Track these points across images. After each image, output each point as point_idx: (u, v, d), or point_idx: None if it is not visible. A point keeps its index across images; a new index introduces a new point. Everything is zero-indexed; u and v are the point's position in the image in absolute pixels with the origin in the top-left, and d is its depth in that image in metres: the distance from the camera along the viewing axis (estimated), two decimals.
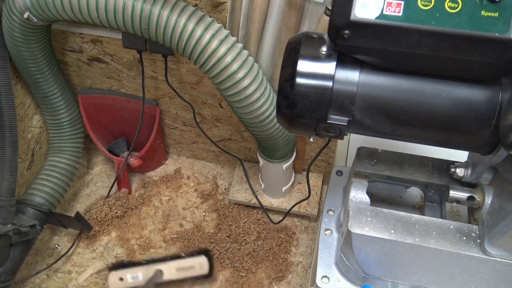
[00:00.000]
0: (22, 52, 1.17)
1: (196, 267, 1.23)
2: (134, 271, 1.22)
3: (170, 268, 1.22)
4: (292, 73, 0.62)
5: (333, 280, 0.83)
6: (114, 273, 1.22)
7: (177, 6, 0.99)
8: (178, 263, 1.22)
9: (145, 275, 1.21)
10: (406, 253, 0.75)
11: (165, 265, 1.21)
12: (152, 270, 1.20)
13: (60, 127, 1.43)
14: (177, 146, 1.67)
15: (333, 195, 0.95)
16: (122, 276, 1.22)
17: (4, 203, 1.18)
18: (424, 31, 0.55)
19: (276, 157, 1.32)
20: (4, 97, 1.13)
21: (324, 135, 0.66)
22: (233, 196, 1.52)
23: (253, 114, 1.11)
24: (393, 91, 0.62)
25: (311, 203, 1.49)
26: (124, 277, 1.22)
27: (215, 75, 1.04)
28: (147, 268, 1.22)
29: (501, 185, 0.71)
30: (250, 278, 1.41)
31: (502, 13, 0.53)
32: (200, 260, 1.23)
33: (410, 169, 0.84)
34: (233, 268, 1.42)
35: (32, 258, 1.45)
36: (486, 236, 0.71)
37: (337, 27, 0.57)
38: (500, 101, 0.59)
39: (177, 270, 1.22)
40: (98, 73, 1.41)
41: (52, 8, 1.03)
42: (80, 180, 1.66)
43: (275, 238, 1.48)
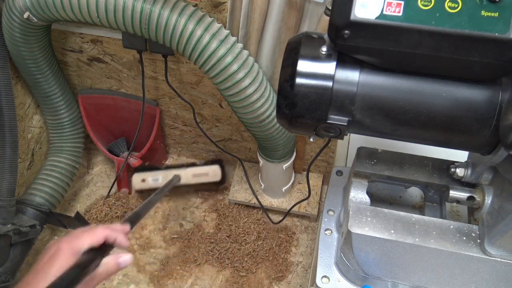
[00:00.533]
0: (22, 52, 1.17)
1: (210, 173, 1.37)
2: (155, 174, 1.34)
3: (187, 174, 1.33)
4: (292, 73, 0.62)
5: (333, 280, 0.83)
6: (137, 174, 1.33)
7: (177, 6, 0.99)
8: (194, 170, 1.34)
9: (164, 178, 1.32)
10: (406, 253, 0.75)
11: (183, 171, 1.33)
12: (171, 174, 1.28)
13: (61, 127, 1.43)
14: (177, 146, 1.67)
15: (333, 195, 0.95)
16: (144, 178, 1.32)
17: (4, 203, 1.18)
18: (424, 31, 0.55)
19: (276, 157, 1.32)
20: (4, 97, 1.13)
21: (324, 135, 0.66)
22: (233, 196, 1.52)
23: (253, 114, 1.11)
24: (393, 91, 0.62)
25: (311, 203, 1.49)
26: (146, 179, 1.33)
27: (215, 75, 1.04)
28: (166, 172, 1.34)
29: (501, 185, 0.71)
30: (250, 278, 1.41)
31: (502, 13, 0.53)
32: (214, 168, 1.35)
33: (410, 169, 0.84)
34: (233, 268, 1.42)
35: (32, 258, 1.45)
36: (486, 236, 0.71)
37: (337, 27, 0.57)
38: (500, 101, 0.59)
39: (193, 176, 1.33)
40: (98, 73, 1.41)
41: (52, 8, 1.03)
42: (80, 180, 1.66)
43: (275, 238, 1.48)
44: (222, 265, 1.43)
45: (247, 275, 1.41)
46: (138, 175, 1.34)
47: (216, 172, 1.35)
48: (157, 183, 1.34)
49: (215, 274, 1.42)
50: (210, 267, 1.43)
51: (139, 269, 1.44)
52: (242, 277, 1.41)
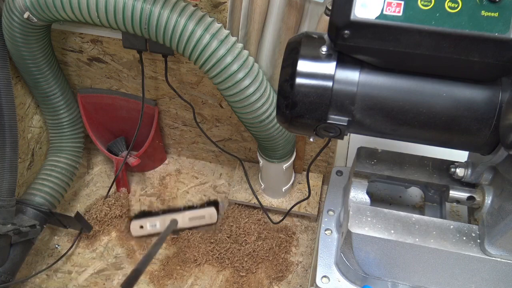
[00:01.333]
0: (22, 52, 1.17)
1: (206, 216, 1.38)
2: (153, 220, 1.36)
3: (184, 217, 1.38)
4: (292, 73, 0.62)
5: (333, 280, 0.83)
6: (135, 221, 1.35)
7: (177, 6, 0.99)
8: (191, 213, 1.35)
9: (162, 223, 1.36)
10: (406, 253, 0.75)
11: (180, 215, 1.34)
12: (168, 219, 1.32)
13: (60, 127, 1.43)
14: (177, 146, 1.67)
15: (333, 195, 0.95)
16: (142, 224, 1.34)
17: (4, 203, 1.18)
18: (424, 31, 0.55)
19: (276, 157, 1.32)
20: (4, 97, 1.13)
21: (324, 135, 0.66)
22: (233, 196, 1.52)
23: (253, 114, 1.11)
24: (393, 91, 0.62)
25: (311, 203, 1.49)
26: (144, 225, 1.35)
27: (215, 75, 1.04)
28: (164, 218, 1.36)
29: (501, 185, 0.71)
30: (250, 278, 1.41)
31: (502, 13, 0.53)
32: (210, 211, 1.38)
33: (410, 169, 0.84)
34: (233, 268, 1.42)
35: (32, 258, 1.45)
36: (486, 236, 0.71)
37: (337, 27, 0.57)
38: (500, 101, 0.59)
39: (190, 220, 1.37)
40: (98, 73, 1.41)
41: (52, 8, 1.03)
42: (80, 180, 1.66)
43: (275, 238, 1.48)
44: (222, 265, 1.43)
45: (247, 275, 1.41)
46: (136, 222, 1.37)
47: (212, 215, 1.37)
48: (155, 229, 1.36)
49: (215, 274, 1.42)
50: (210, 267, 1.43)
51: None
52: (242, 277, 1.41)
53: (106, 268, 1.44)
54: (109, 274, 1.43)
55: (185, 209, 1.40)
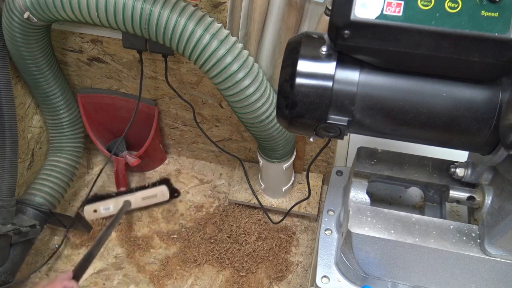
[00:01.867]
0: (22, 52, 1.17)
1: (158, 194, 1.44)
2: (106, 203, 1.38)
3: (137, 198, 1.40)
4: (292, 73, 0.62)
5: (333, 280, 0.83)
6: (88, 206, 1.37)
7: (177, 6, 0.99)
8: (143, 193, 1.38)
9: (115, 205, 1.38)
10: (406, 253, 0.75)
11: (132, 196, 1.37)
12: (121, 201, 1.35)
13: (60, 127, 1.43)
14: (177, 146, 1.67)
15: (333, 195, 0.95)
16: (96, 208, 1.36)
17: (4, 203, 1.18)
18: (424, 31, 0.55)
19: (276, 157, 1.32)
20: (4, 97, 1.13)
21: (324, 135, 0.66)
22: (233, 196, 1.52)
23: (253, 114, 1.11)
24: (393, 91, 0.62)
25: (311, 203, 1.49)
26: (98, 209, 1.37)
27: (215, 75, 1.04)
28: (116, 200, 1.39)
29: (501, 185, 0.71)
30: (250, 278, 1.41)
31: (502, 13, 0.53)
32: (162, 189, 1.43)
33: (410, 169, 0.84)
34: (233, 268, 1.42)
35: (32, 258, 1.45)
36: (486, 236, 0.71)
37: (337, 27, 0.57)
38: (500, 101, 0.59)
39: (143, 199, 1.40)
40: (98, 73, 1.41)
41: (52, 8, 1.03)
42: (80, 180, 1.66)
43: (275, 238, 1.48)
44: (222, 265, 1.43)
45: (247, 275, 1.41)
46: (89, 207, 1.38)
47: (164, 193, 1.41)
48: (109, 211, 1.38)
49: (215, 274, 1.42)
50: (210, 267, 1.43)
51: (139, 269, 1.44)
52: (242, 277, 1.41)
53: (106, 268, 1.44)
54: (109, 274, 1.43)
55: (137, 190, 1.42)
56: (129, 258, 1.46)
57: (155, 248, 1.48)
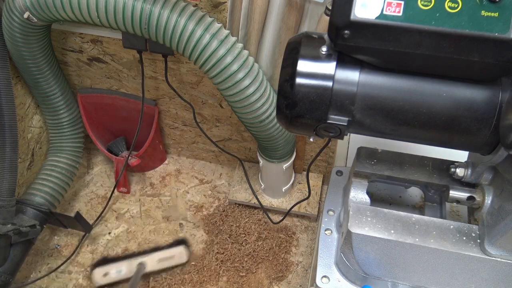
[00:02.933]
0: (22, 52, 1.17)
1: (176, 256, 1.29)
2: (118, 266, 1.26)
3: (152, 260, 1.27)
4: (292, 73, 0.62)
5: (333, 280, 0.83)
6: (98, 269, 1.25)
7: (177, 6, 0.99)
8: (159, 254, 1.26)
9: (128, 268, 1.24)
10: (406, 253, 0.75)
11: (147, 257, 1.25)
12: (135, 263, 1.22)
13: (60, 127, 1.43)
14: (177, 146, 1.67)
15: (333, 195, 0.95)
16: (106, 271, 1.25)
17: (4, 203, 1.18)
18: (424, 31, 0.55)
19: (276, 157, 1.32)
20: (4, 97, 1.13)
21: (324, 135, 0.66)
22: (233, 196, 1.52)
23: (253, 114, 1.11)
24: (393, 91, 0.62)
25: (311, 203, 1.49)
26: (109, 272, 1.25)
27: (215, 75, 1.04)
28: (129, 262, 1.25)
29: (501, 185, 0.71)
30: (250, 278, 1.41)
31: (502, 13, 0.53)
32: (180, 250, 1.27)
33: (410, 169, 0.84)
34: (233, 268, 1.42)
35: (32, 258, 1.45)
36: (486, 236, 0.71)
37: (337, 27, 0.57)
38: (500, 101, 0.59)
39: (159, 261, 1.26)
40: (98, 73, 1.41)
41: (52, 8, 1.03)
42: (80, 180, 1.66)
43: (275, 238, 1.48)
44: (222, 265, 1.43)
45: (247, 275, 1.41)
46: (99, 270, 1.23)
47: (182, 254, 1.26)
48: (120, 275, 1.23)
49: (215, 274, 1.42)
50: (210, 267, 1.43)
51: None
52: (242, 277, 1.41)
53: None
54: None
55: (151, 251, 1.29)
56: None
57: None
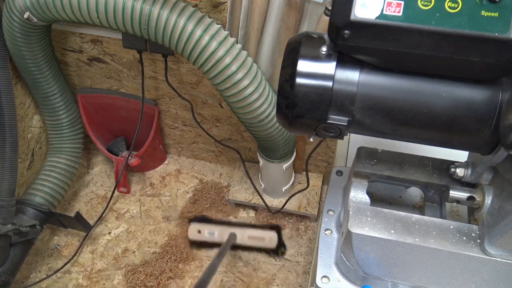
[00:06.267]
0: (23, 52, 1.17)
1: (267, 239, 1.32)
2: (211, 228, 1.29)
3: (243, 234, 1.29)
4: (292, 73, 0.62)
5: (333, 280, 0.83)
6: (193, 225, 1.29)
7: (176, 7, 0.99)
8: (251, 232, 1.29)
9: (220, 233, 1.28)
10: (406, 253, 0.75)
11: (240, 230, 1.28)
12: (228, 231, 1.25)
13: (60, 128, 1.43)
14: (177, 146, 1.67)
15: (333, 195, 0.95)
16: (200, 229, 1.29)
17: (4, 203, 1.18)
18: (424, 31, 0.55)
19: (276, 157, 1.32)
20: (4, 97, 1.13)
21: (324, 135, 0.66)
22: (233, 196, 1.52)
23: (252, 114, 1.11)
24: (393, 91, 0.62)
25: (311, 203, 1.49)
26: (202, 231, 1.29)
27: (214, 76, 1.04)
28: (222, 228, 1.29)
29: (501, 185, 0.71)
30: (250, 278, 1.41)
31: (502, 13, 0.53)
32: (271, 234, 1.30)
33: (410, 169, 0.84)
34: (233, 268, 1.42)
35: (32, 258, 1.45)
36: (486, 236, 0.71)
37: (337, 27, 0.57)
38: (500, 101, 0.59)
39: (249, 238, 1.29)
40: (98, 73, 1.41)
41: (52, 8, 1.03)
42: (80, 180, 1.66)
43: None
44: (222, 264, 1.43)
45: (247, 275, 1.41)
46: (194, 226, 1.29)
47: (272, 239, 1.29)
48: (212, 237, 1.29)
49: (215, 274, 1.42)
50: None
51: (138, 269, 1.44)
52: (242, 277, 1.41)
53: (106, 268, 1.44)
54: (109, 274, 1.43)
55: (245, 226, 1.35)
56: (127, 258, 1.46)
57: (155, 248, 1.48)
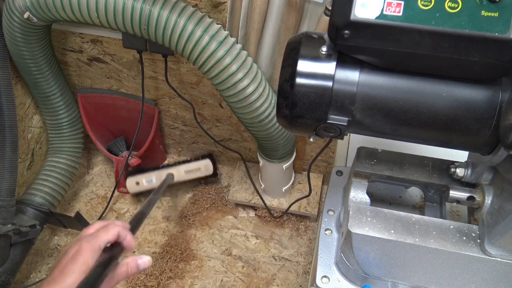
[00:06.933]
0: (23, 52, 1.17)
1: (202, 168, 1.36)
2: (149, 176, 1.32)
3: (180, 171, 1.33)
4: (292, 73, 0.62)
5: (333, 280, 0.83)
6: (131, 178, 1.32)
7: (176, 7, 0.99)
8: (187, 166, 1.33)
9: (158, 178, 1.32)
10: (406, 253, 0.75)
11: (175, 169, 1.31)
12: (164, 173, 1.29)
13: (60, 128, 1.43)
14: (177, 146, 1.67)
15: (333, 195, 0.95)
16: (138, 181, 1.31)
17: (4, 203, 1.18)
18: (424, 31, 0.55)
19: (276, 157, 1.32)
20: (4, 97, 1.13)
21: (324, 135, 0.66)
22: (233, 196, 1.52)
23: (252, 114, 1.11)
24: (393, 91, 0.62)
25: (311, 203, 1.49)
26: (140, 181, 1.31)
27: (214, 76, 1.04)
28: (159, 172, 1.32)
29: (501, 185, 0.71)
30: (250, 278, 1.41)
31: (502, 13, 0.53)
32: (206, 163, 1.37)
33: (410, 169, 0.84)
34: (233, 268, 1.42)
35: (32, 258, 1.45)
36: (486, 236, 0.71)
37: (337, 27, 0.57)
38: (500, 101, 0.59)
39: (186, 173, 1.34)
40: (98, 73, 1.41)
41: (52, 8, 1.03)
42: (80, 180, 1.66)
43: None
44: (222, 265, 1.43)
45: (247, 275, 1.41)
46: (131, 179, 1.33)
47: (208, 166, 1.35)
48: (151, 184, 1.33)
49: (215, 273, 1.42)
50: (211, 267, 1.43)
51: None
52: (242, 277, 1.41)
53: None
54: None
55: (180, 163, 1.37)
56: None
57: (155, 248, 1.48)
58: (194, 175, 1.39)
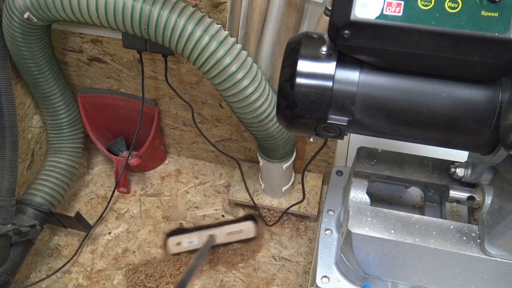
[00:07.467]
0: (23, 52, 1.17)
1: (245, 230, 1.34)
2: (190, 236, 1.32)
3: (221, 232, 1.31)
4: (292, 73, 0.62)
5: (333, 280, 0.83)
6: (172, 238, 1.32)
7: (176, 7, 0.99)
8: (228, 228, 1.32)
9: (199, 239, 1.30)
10: (406, 253, 0.75)
11: (217, 230, 1.31)
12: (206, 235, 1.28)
13: (60, 128, 1.43)
14: (177, 146, 1.67)
15: (333, 195, 0.95)
16: (179, 241, 1.32)
17: (4, 203, 1.18)
18: (424, 31, 0.55)
19: (276, 157, 1.32)
20: (4, 97, 1.13)
21: (324, 135, 0.66)
22: (233, 196, 1.52)
23: (253, 114, 1.11)
24: (393, 91, 0.62)
25: (311, 203, 1.49)
26: (181, 242, 1.32)
27: (214, 76, 1.04)
28: (201, 233, 1.32)
29: (501, 185, 0.71)
30: (250, 278, 1.41)
31: (502, 13, 0.53)
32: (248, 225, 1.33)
33: (410, 169, 0.84)
34: (233, 269, 1.42)
35: (32, 258, 1.45)
36: (486, 236, 0.71)
37: (337, 27, 0.57)
38: (500, 101, 0.59)
39: (228, 234, 1.31)
40: (98, 73, 1.41)
41: (52, 8, 1.03)
42: (80, 180, 1.66)
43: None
44: (222, 265, 1.43)
45: (247, 275, 1.41)
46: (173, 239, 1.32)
47: (250, 229, 1.33)
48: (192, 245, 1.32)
49: (215, 274, 1.42)
50: (211, 268, 1.43)
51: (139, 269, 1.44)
52: (242, 277, 1.41)
53: (106, 268, 1.44)
54: (109, 274, 1.43)
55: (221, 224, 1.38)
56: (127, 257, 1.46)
57: (155, 248, 1.48)
58: (235, 238, 1.38)
